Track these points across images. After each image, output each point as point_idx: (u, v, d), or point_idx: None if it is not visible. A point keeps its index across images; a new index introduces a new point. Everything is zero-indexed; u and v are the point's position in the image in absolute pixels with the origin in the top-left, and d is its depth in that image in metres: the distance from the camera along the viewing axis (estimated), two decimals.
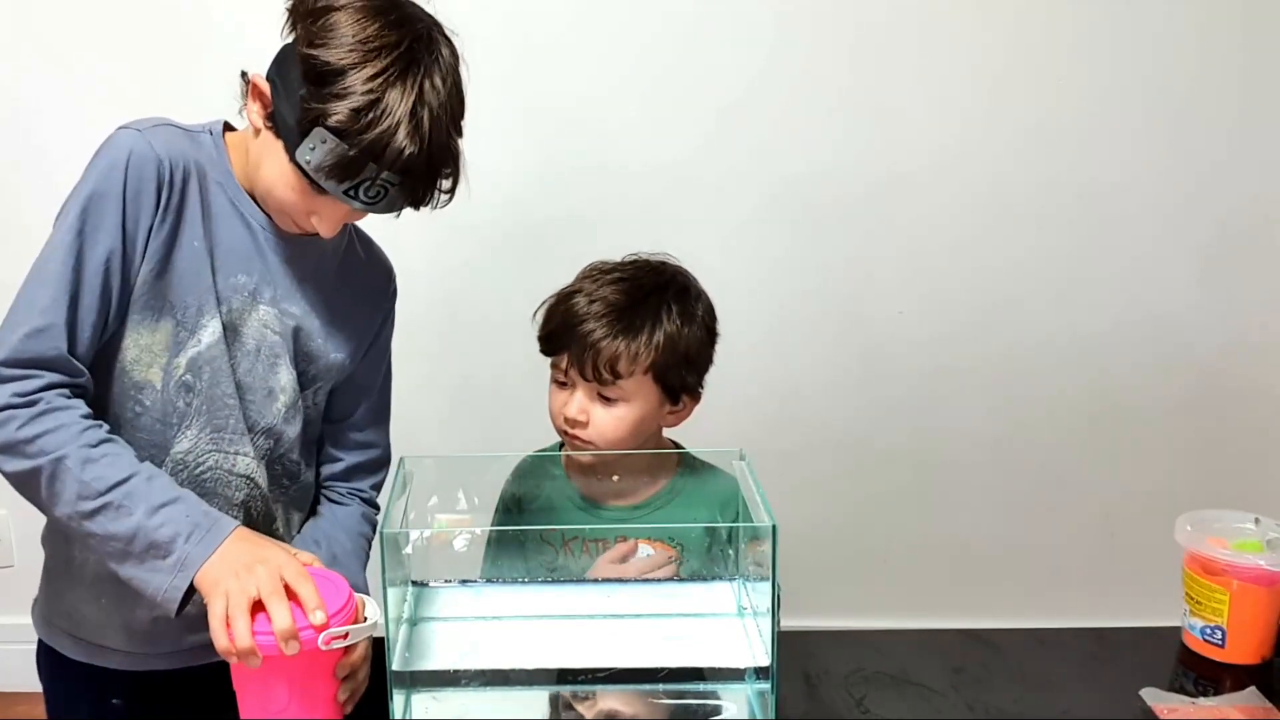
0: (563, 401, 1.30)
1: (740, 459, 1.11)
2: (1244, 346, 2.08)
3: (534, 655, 1.02)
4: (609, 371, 1.26)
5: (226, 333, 1.09)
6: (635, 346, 1.27)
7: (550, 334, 1.32)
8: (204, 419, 1.09)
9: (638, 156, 1.97)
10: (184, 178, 1.05)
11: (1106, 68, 1.96)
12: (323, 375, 1.18)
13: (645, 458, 1.34)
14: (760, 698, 1.00)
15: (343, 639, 0.92)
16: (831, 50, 1.95)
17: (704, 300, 1.35)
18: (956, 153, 1.99)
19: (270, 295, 1.11)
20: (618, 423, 1.29)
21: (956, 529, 2.15)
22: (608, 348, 1.26)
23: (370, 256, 1.25)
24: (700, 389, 1.35)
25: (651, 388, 1.29)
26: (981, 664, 1.17)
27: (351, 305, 1.19)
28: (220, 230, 1.08)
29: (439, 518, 1.12)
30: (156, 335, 1.06)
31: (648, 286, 1.32)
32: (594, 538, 1.28)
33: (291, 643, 0.90)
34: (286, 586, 0.92)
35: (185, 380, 1.08)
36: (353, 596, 0.96)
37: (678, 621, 1.11)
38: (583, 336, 1.27)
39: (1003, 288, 2.05)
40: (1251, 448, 2.13)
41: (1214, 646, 1.17)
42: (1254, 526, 1.19)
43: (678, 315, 1.30)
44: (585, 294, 1.31)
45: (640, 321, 1.28)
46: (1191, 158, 2.00)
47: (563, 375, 1.31)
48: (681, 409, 1.34)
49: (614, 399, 1.28)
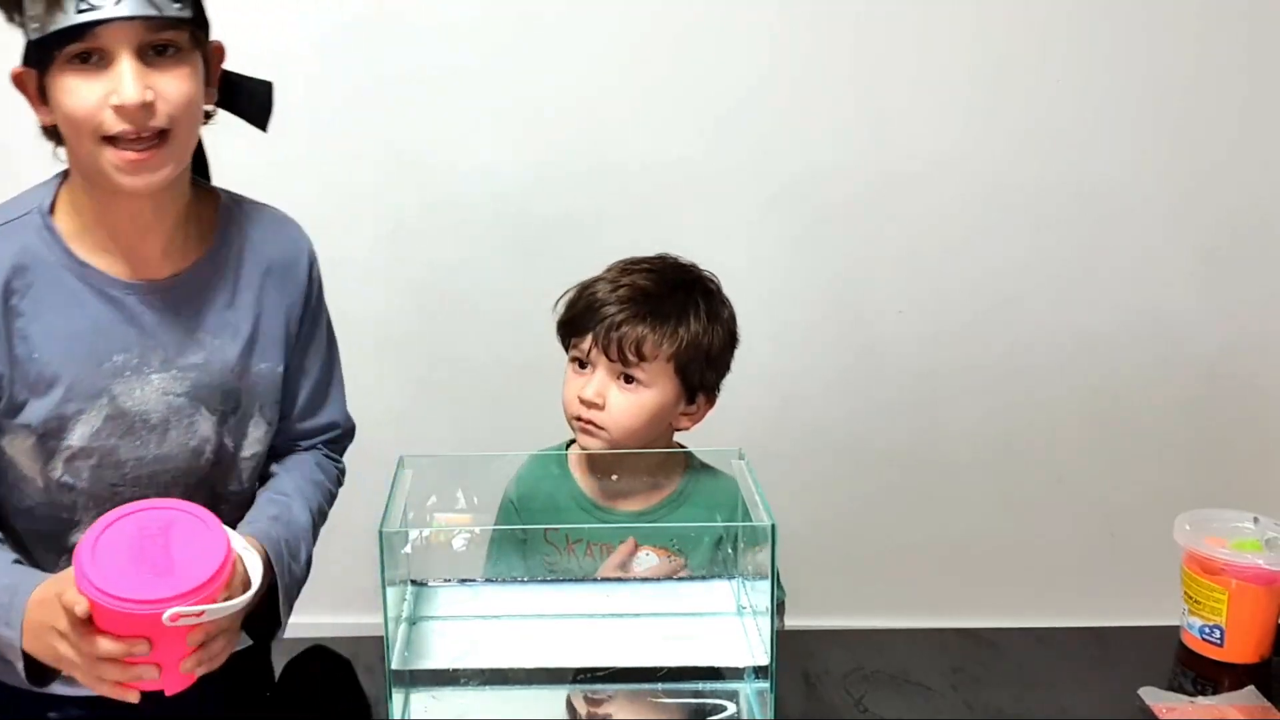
0: (580, 385, 1.30)
1: (739, 458, 1.11)
2: (1244, 346, 2.08)
3: (533, 654, 1.02)
4: (634, 352, 1.26)
5: (114, 421, 1.04)
6: (662, 332, 1.28)
7: (574, 317, 1.31)
8: (95, 511, 1.02)
9: (638, 156, 1.97)
10: (5, 294, 1.00)
11: (1107, 67, 1.96)
12: (260, 393, 1.13)
13: (653, 460, 1.34)
14: (759, 697, 1.00)
15: (196, 617, 0.87)
16: (831, 50, 1.95)
17: (729, 306, 1.36)
18: (957, 152, 1.99)
19: (160, 359, 1.06)
20: (636, 408, 1.28)
21: (956, 528, 2.15)
22: (634, 329, 1.27)
23: (267, 235, 1.14)
24: (716, 392, 1.35)
25: (671, 379, 1.29)
26: (980, 663, 1.17)
27: (263, 303, 1.12)
28: (76, 319, 1.02)
29: (438, 517, 1.12)
30: (25, 445, 1.03)
31: (676, 281, 1.33)
32: (597, 540, 1.28)
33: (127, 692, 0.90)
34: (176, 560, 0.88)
35: (65, 481, 1.05)
36: (221, 572, 0.90)
37: (677, 621, 1.11)
38: (609, 316, 1.27)
39: (1003, 287, 2.05)
40: (1250, 447, 2.13)
41: (1213, 646, 1.16)
42: (1253, 526, 1.19)
43: (704, 313, 1.31)
44: (611, 281, 1.31)
45: (668, 311, 1.29)
46: (1192, 157, 2.00)
47: (584, 356, 1.30)
48: (695, 410, 1.34)
49: (633, 383, 1.28)
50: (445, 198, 1.96)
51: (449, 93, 1.93)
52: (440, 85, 1.92)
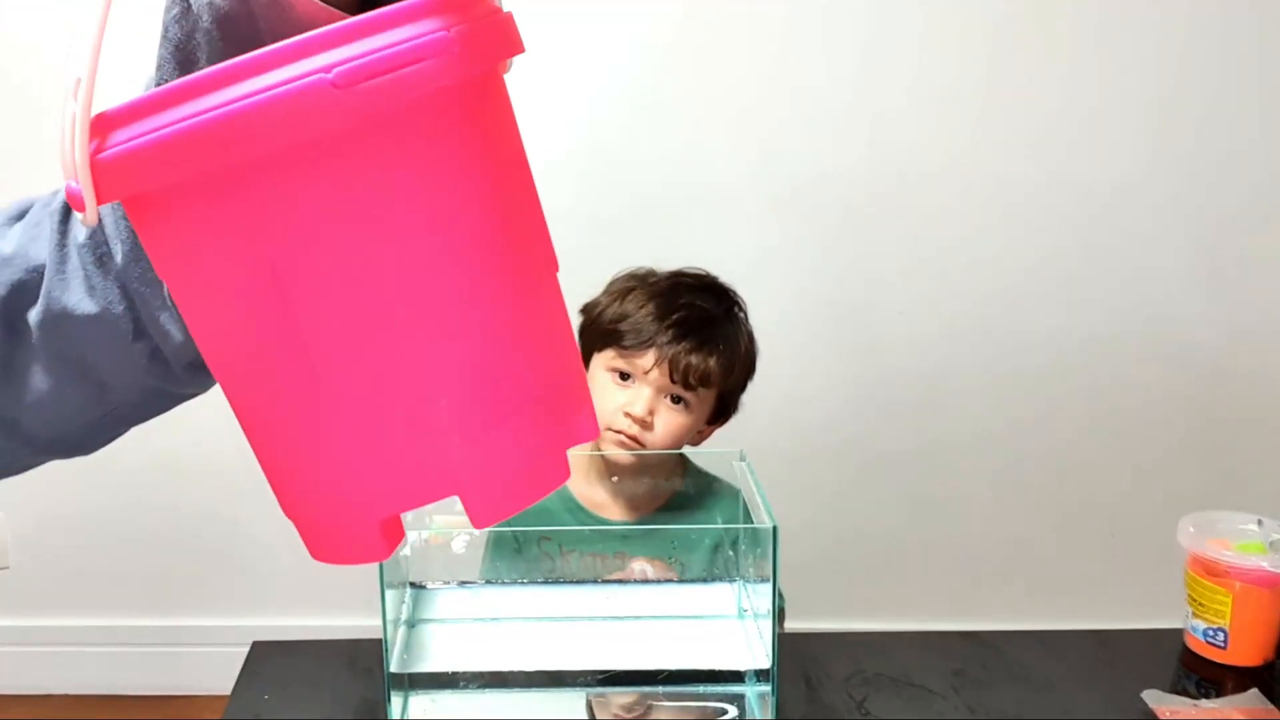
0: (626, 400, 1.29)
1: (741, 460, 1.10)
2: (1247, 347, 2.08)
3: (533, 657, 1.02)
4: (698, 380, 1.27)
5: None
6: (725, 363, 1.30)
7: (631, 330, 1.29)
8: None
9: (641, 158, 1.97)
10: None
11: (1110, 68, 1.96)
12: None
13: (653, 467, 1.34)
14: (760, 700, 1.00)
15: None
16: (832, 51, 1.95)
17: (750, 327, 1.39)
18: (958, 153, 1.99)
19: None
20: (680, 429, 1.30)
21: (957, 530, 2.15)
22: (705, 359, 1.27)
23: None
24: (735, 412, 1.37)
25: (712, 403, 1.32)
26: (982, 666, 1.16)
27: None
28: None
29: (437, 519, 1.12)
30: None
31: (726, 304, 1.35)
32: (592, 548, 1.27)
33: None
34: None
35: None
36: None
37: (677, 623, 1.11)
38: (676, 340, 1.27)
39: (1005, 288, 2.05)
40: (1254, 449, 2.12)
41: (1216, 648, 1.16)
42: (1257, 528, 1.19)
43: (744, 337, 1.35)
44: (663, 298, 1.30)
45: (728, 336, 1.32)
46: (1195, 158, 2.00)
47: (636, 373, 1.29)
48: (712, 428, 1.36)
49: (681, 403, 1.29)
50: None
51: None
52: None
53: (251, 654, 1.17)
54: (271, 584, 2.11)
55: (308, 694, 1.11)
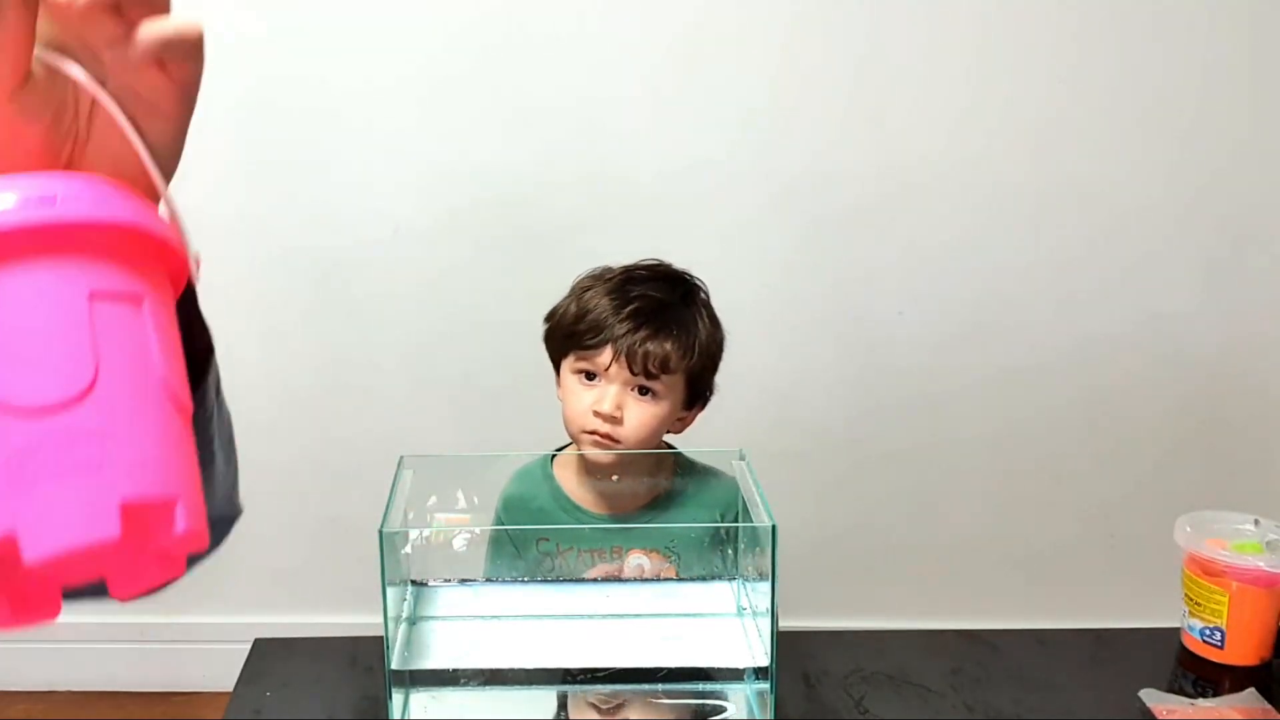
0: (594, 399, 1.30)
1: (740, 459, 1.11)
2: (1245, 349, 2.08)
3: (533, 655, 1.02)
4: (658, 367, 1.27)
5: None
6: (683, 345, 1.29)
7: (577, 331, 1.30)
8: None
9: (638, 159, 1.97)
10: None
11: (1110, 70, 1.96)
12: None
13: (646, 463, 1.34)
14: (759, 698, 1.00)
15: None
16: (832, 52, 1.95)
17: (713, 309, 1.38)
18: (958, 155, 1.99)
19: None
20: (651, 419, 1.30)
21: (956, 529, 2.15)
22: (660, 344, 1.27)
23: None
24: (710, 395, 1.36)
25: (681, 389, 1.31)
26: (980, 664, 1.17)
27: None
28: None
29: (438, 517, 1.12)
30: None
31: (680, 290, 1.34)
32: (590, 545, 1.28)
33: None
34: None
35: None
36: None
37: (676, 621, 1.11)
38: (628, 332, 1.27)
39: (1004, 289, 2.05)
40: (1252, 450, 2.13)
41: (1213, 648, 1.17)
42: (1253, 528, 1.19)
43: (706, 319, 1.34)
44: (615, 293, 1.30)
45: (683, 321, 1.31)
46: (1194, 161, 2.00)
47: (599, 370, 1.30)
48: (692, 414, 1.36)
49: (649, 394, 1.29)
50: (446, 200, 1.96)
51: (449, 96, 1.93)
52: (441, 86, 1.93)
53: (253, 651, 1.18)
54: (273, 581, 2.11)
55: (309, 691, 1.12)
